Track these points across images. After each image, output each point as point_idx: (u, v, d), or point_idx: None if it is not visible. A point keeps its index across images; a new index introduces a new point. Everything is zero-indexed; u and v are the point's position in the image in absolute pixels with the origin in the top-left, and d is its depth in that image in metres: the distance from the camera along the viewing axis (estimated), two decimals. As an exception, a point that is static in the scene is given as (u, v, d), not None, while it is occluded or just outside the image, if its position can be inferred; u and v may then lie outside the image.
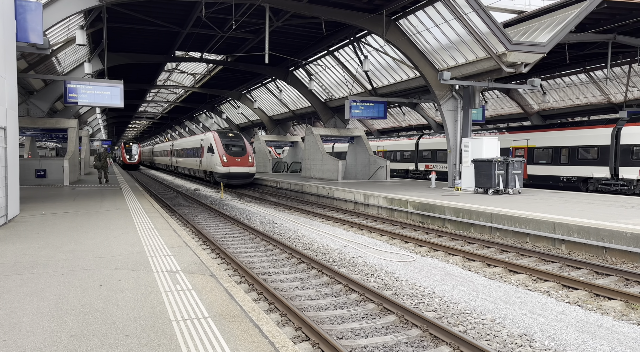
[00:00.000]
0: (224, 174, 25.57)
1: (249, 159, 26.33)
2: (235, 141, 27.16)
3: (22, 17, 11.34)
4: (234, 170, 25.65)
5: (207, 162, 27.65)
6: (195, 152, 31.66)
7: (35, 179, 20.53)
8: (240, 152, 26.43)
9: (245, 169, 26.04)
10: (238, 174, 25.83)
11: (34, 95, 21.17)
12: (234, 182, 26.03)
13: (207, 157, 27.64)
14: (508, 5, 17.23)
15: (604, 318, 5.80)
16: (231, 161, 25.70)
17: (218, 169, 25.78)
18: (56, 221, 10.06)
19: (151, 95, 44.51)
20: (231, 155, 25.94)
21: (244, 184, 27.28)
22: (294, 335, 5.30)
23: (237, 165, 25.76)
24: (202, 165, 29.42)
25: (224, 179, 25.61)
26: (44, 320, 4.20)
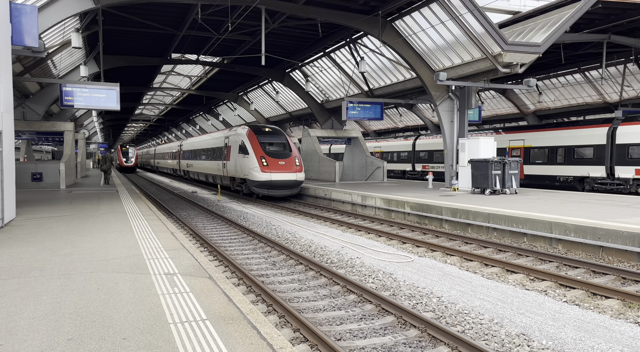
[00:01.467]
0: (263, 182, 19.15)
1: (295, 162, 19.86)
2: (276, 138, 20.98)
3: (17, 20, 11.30)
4: (277, 177, 19.14)
5: (237, 167, 21.21)
6: (217, 153, 25.15)
7: (32, 182, 20.45)
8: (284, 153, 20.17)
9: (291, 176, 19.43)
10: (282, 182, 19.29)
11: (30, 99, 21.10)
12: (276, 193, 19.47)
13: (237, 160, 21.17)
14: (503, 6, 17.30)
15: (601, 317, 5.82)
16: (273, 165, 19.30)
17: (255, 175, 19.25)
18: (53, 224, 10.02)
19: (147, 98, 44.42)
20: (272, 156, 19.60)
21: (289, 195, 20.40)
22: (293, 336, 5.29)
23: (280, 170, 19.32)
24: (227, 171, 22.91)
25: (263, 189, 19.40)
26: (41, 324, 4.18)
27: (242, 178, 20.94)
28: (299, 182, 19.80)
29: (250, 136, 20.58)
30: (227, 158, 22.92)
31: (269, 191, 19.34)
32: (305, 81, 26.81)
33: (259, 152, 19.74)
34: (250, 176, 19.55)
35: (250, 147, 20.08)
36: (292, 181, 19.45)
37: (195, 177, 32.03)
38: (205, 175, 28.51)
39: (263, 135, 20.80)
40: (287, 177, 19.35)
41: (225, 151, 23.20)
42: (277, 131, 21.66)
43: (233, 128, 23.63)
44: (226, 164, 23.05)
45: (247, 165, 19.96)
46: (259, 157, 19.49)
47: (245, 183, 20.87)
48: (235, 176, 21.88)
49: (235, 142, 21.64)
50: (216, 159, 25.22)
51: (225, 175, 23.52)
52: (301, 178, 19.82)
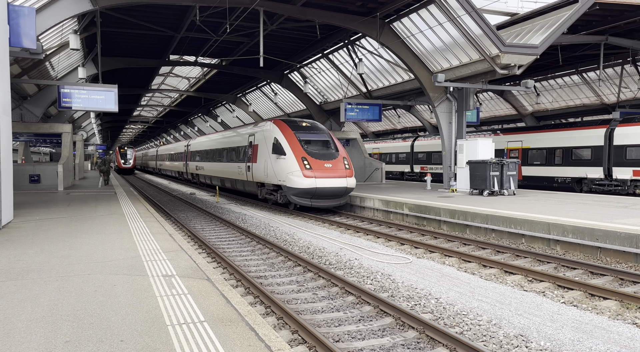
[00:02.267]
0: (306, 190, 15.18)
1: (344, 164, 16.02)
2: (318, 134, 17.04)
3: (15, 22, 11.29)
4: (323, 183, 15.25)
5: (268, 170, 17.05)
6: (237, 154, 21.15)
7: (29, 184, 20.41)
8: (329, 153, 16.29)
9: (340, 182, 15.48)
10: (330, 190, 15.39)
11: (28, 101, 21.08)
12: (321, 204, 15.62)
13: (268, 162, 17.06)
14: (501, 8, 17.34)
15: (599, 318, 5.83)
16: (318, 168, 15.45)
17: (295, 181, 15.29)
18: (50, 226, 10.00)
19: (146, 100, 44.40)
20: (316, 157, 15.74)
21: (335, 207, 16.65)
22: (291, 338, 5.29)
23: (327, 174, 15.44)
24: (253, 175, 18.66)
25: (305, 198, 15.48)
26: (38, 326, 4.17)
27: (275, 184, 16.75)
28: (350, 189, 15.80)
29: (286, 132, 16.58)
30: (252, 159, 18.73)
31: (313, 201, 15.45)
32: (304, 83, 26.84)
33: (300, 151, 15.78)
34: (289, 182, 15.48)
35: (287, 146, 16.04)
36: (341, 189, 15.50)
37: (207, 181, 27.62)
38: (221, 179, 23.96)
39: (302, 131, 16.84)
40: (336, 184, 15.40)
41: (250, 151, 19.03)
42: (318, 126, 17.77)
43: (259, 123, 19.43)
44: (251, 166, 18.76)
45: (283, 168, 15.88)
46: (300, 158, 15.51)
47: (279, 191, 16.84)
48: (264, 182, 17.58)
49: (265, 140, 17.53)
50: (236, 160, 21.09)
51: (250, 180, 19.23)
52: (352, 184, 15.72)
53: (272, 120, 17.92)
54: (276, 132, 16.90)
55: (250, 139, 19.38)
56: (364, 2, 16.58)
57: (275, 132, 16.93)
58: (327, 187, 15.30)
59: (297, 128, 16.99)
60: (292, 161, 15.67)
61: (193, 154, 31.30)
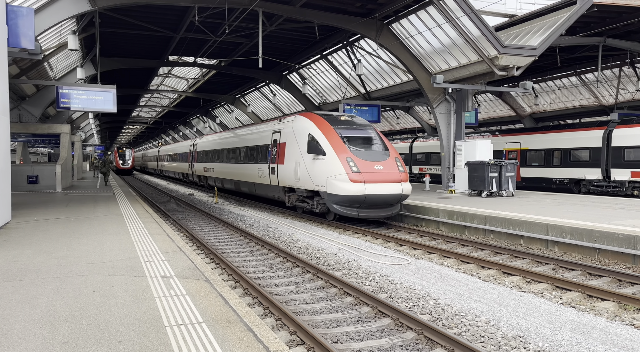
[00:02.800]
0: (353, 198, 12.43)
1: (397, 166, 13.23)
2: (361, 129, 14.25)
3: (13, 22, 11.28)
4: (375, 189, 12.48)
5: (300, 173, 14.28)
6: (258, 154, 18.28)
7: (28, 185, 20.38)
8: (379, 152, 13.49)
9: (395, 188, 12.74)
10: (383, 198, 12.66)
11: (26, 101, 21.05)
12: (371, 214, 12.90)
13: (300, 164, 14.27)
14: (499, 9, 17.38)
15: (597, 319, 5.84)
16: (367, 171, 12.65)
17: (338, 187, 12.56)
18: (48, 227, 9.99)
19: (144, 100, 44.38)
20: (363, 158, 12.96)
21: (387, 217, 13.96)
22: (289, 339, 5.29)
23: (378, 177, 12.69)
24: (279, 178, 15.86)
25: (351, 207, 12.79)
26: (36, 327, 4.16)
27: (309, 190, 14.12)
28: (404, 196, 13.04)
29: (323, 127, 13.80)
30: (277, 160, 16.00)
31: (360, 211, 12.75)
32: (303, 83, 26.85)
33: (343, 151, 12.96)
34: (330, 188, 12.78)
35: (327, 144, 13.27)
36: (395, 196, 12.74)
37: (218, 184, 24.84)
38: (236, 183, 21.25)
39: (342, 126, 14.01)
40: (390, 190, 12.61)
41: (275, 151, 16.33)
42: (359, 119, 14.99)
43: (286, 118, 16.60)
44: (276, 169, 15.99)
45: (322, 171, 13.19)
46: (345, 159, 12.72)
47: (314, 197, 14.16)
48: (294, 187, 14.81)
49: (296, 137, 14.78)
50: (256, 161, 18.25)
51: (274, 184, 16.43)
52: (407, 191, 13.00)
53: (302, 114, 15.42)
54: (311, 127, 14.12)
55: (275, 136, 16.60)
56: (363, 3, 16.60)
57: (310, 127, 14.17)
58: (379, 195, 12.51)
59: (336, 122, 14.20)
60: (334, 162, 12.86)
61: (200, 154, 28.69)
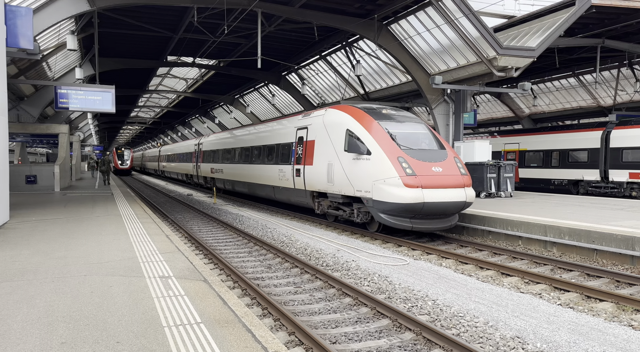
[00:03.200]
0: (408, 206, 10.40)
1: (458, 168, 11.20)
2: (411, 123, 12.16)
3: (12, 22, 11.27)
4: (434, 196, 10.49)
5: (336, 175, 12.30)
6: (278, 153, 16.34)
7: (26, 185, 20.34)
8: (434, 151, 11.45)
9: (458, 194, 10.78)
10: (444, 206, 10.65)
11: (25, 101, 21.02)
12: (427, 226, 10.85)
13: (337, 164, 12.28)
14: (498, 10, 17.42)
15: (595, 320, 5.85)
16: (424, 173, 10.65)
17: (389, 192, 10.52)
18: (47, 227, 9.97)
19: (143, 101, 44.33)
20: (418, 158, 10.94)
21: (446, 229, 11.84)
22: (288, 340, 5.28)
23: (438, 181, 10.69)
24: (306, 181, 14.00)
25: (403, 216, 10.71)
26: (34, 327, 4.15)
27: (347, 196, 12.12)
28: (468, 204, 10.93)
29: (365, 121, 11.69)
30: (303, 160, 14.08)
31: (415, 222, 10.64)
32: (302, 84, 26.86)
33: (393, 149, 10.83)
34: (377, 194, 10.66)
35: (372, 141, 11.12)
36: (458, 204, 10.66)
37: (228, 187, 22.96)
38: (250, 185, 19.19)
39: (387, 120, 11.85)
40: (452, 197, 10.56)
41: (301, 150, 14.34)
42: (404, 113, 12.76)
43: (314, 112, 14.50)
44: (303, 170, 14.06)
45: (367, 173, 11.05)
46: (395, 158, 10.59)
47: (353, 204, 12.08)
48: (327, 191, 12.78)
49: (329, 133, 12.76)
50: (276, 162, 16.29)
51: (299, 188, 14.53)
52: (471, 198, 10.92)
53: (335, 106, 13.36)
54: (349, 121, 12.07)
55: (301, 133, 14.63)
56: (362, 4, 16.62)
57: (348, 121, 12.11)
58: (440, 202, 10.40)
59: (379, 115, 12.02)
60: (383, 164, 10.67)
61: (207, 154, 26.66)
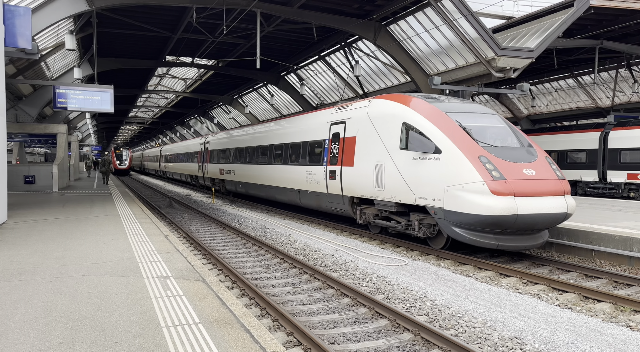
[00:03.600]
0: (495, 219, 8.16)
1: (552, 170, 8.96)
2: (484, 116, 10.13)
3: (10, 22, 11.26)
4: (529, 206, 8.19)
5: (388, 179, 10.37)
6: (306, 153, 14.43)
7: (24, 185, 20.31)
8: (521, 150, 9.19)
9: (558, 204, 8.52)
10: (542, 219, 8.38)
11: (23, 101, 20.98)
12: (517, 244, 8.65)
13: (389, 165, 10.33)
14: (497, 11, 17.44)
15: (593, 320, 5.85)
16: (516, 178, 8.36)
17: (471, 201, 8.30)
18: (45, 227, 9.95)
19: (142, 101, 44.29)
20: (505, 158, 8.70)
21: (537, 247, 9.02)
22: (286, 340, 5.28)
23: (532, 187, 8.37)
24: (343, 185, 12.18)
25: (486, 231, 8.61)
26: (32, 328, 4.14)
27: (402, 204, 10.15)
28: (569, 216, 8.83)
29: (429, 112, 9.52)
30: (340, 161, 12.19)
31: (501, 239, 8.61)
32: (300, 84, 26.86)
33: (471, 146, 8.73)
34: (452, 203, 8.62)
35: (442, 136, 8.98)
36: (558, 216, 8.58)
37: (242, 190, 20.75)
38: (268, 189, 17.40)
39: (456, 111, 9.70)
40: (552, 207, 8.46)
41: (337, 148, 12.47)
42: (471, 103, 10.70)
43: (349, 104, 12.58)
44: (339, 172, 12.17)
45: (435, 176, 8.98)
46: (476, 158, 8.51)
47: (413, 215, 9.99)
48: (374, 198, 10.77)
49: (376, 128, 10.75)
50: (303, 162, 14.46)
51: (334, 193, 12.64)
52: (573, 207, 8.82)
53: (384, 96, 11.04)
54: (406, 113, 9.85)
55: (336, 128, 12.70)
56: (361, 4, 16.62)
57: (405, 113, 9.89)
58: (537, 214, 8.26)
59: (445, 105, 9.87)
60: (460, 164, 8.50)
61: (215, 154, 24.90)
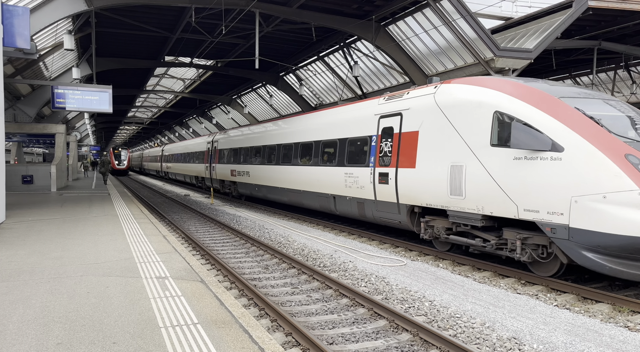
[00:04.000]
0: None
1: None
2: (610, 103, 8.06)
3: (9, 21, 11.24)
4: None
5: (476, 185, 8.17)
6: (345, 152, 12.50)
7: (22, 185, 20.26)
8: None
9: None
10: None
11: (21, 101, 20.94)
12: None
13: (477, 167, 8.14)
14: (496, 12, 17.46)
15: (591, 321, 5.86)
16: None
17: (622, 217, 6.19)
18: (43, 227, 9.93)
19: (140, 101, 44.25)
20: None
21: None
22: (285, 341, 5.28)
23: None
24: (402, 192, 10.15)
25: (637, 260, 6.41)
26: (30, 328, 4.14)
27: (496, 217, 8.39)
28: None
29: (541, 100, 7.75)
30: (395, 161, 10.29)
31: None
32: (299, 85, 26.86)
33: (612, 142, 6.87)
34: (587, 219, 6.65)
35: (563, 128, 7.19)
36: None
37: (258, 194, 18.22)
38: (293, 193, 15.34)
39: (572, 97, 8.01)
40: None
41: (389, 146, 10.56)
42: (588, 90, 8.79)
43: (405, 92, 10.70)
44: (394, 175, 10.31)
45: (558, 181, 7.01)
46: (621, 157, 6.66)
47: (508, 232, 8.09)
48: (448, 208, 8.97)
49: (450, 119, 9.03)
50: (340, 162, 12.44)
51: (386, 200, 10.69)
52: None
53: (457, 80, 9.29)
54: (500, 99, 8.12)
55: (388, 122, 10.59)
56: (360, 5, 16.63)
57: (498, 99, 8.16)
58: None
59: (555, 90, 8.16)
60: (598, 165, 6.71)
61: (226, 153, 22.97)
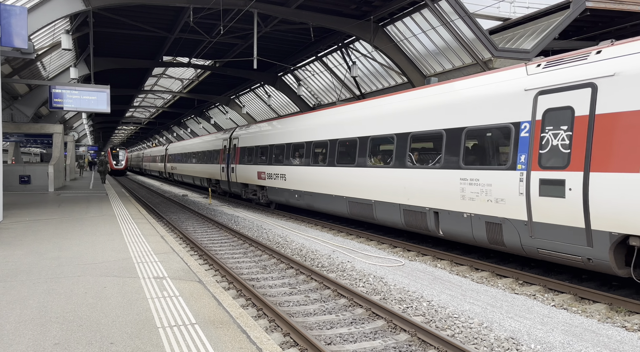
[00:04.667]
0: None
1: None
2: None
3: (6, 21, 11.21)
4: None
5: None
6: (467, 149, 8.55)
7: (19, 185, 20.21)
8: None
9: None
10: None
11: (18, 101, 20.89)
12: None
13: None
14: (494, 13, 17.47)
15: (588, 321, 5.87)
16: None
17: None
18: (40, 227, 9.91)
19: (138, 101, 44.20)
20: None
21: None
22: (283, 341, 5.27)
23: None
24: (597, 212, 6.08)
25: None
26: (27, 328, 4.12)
27: None
28: None
29: None
30: (572, 162, 6.52)
31: None
32: (297, 85, 26.87)
33: None
34: None
35: None
36: None
37: (302, 202, 14.59)
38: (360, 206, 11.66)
39: None
40: None
41: (565, 138, 6.69)
42: None
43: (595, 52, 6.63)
44: (582, 185, 6.35)
45: None
46: None
47: None
48: None
49: None
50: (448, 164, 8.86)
51: (551, 222, 6.85)
52: None
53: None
54: None
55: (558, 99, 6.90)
56: (358, 5, 16.64)
57: None
58: None
59: None
60: None
61: (250, 152, 19.17)
